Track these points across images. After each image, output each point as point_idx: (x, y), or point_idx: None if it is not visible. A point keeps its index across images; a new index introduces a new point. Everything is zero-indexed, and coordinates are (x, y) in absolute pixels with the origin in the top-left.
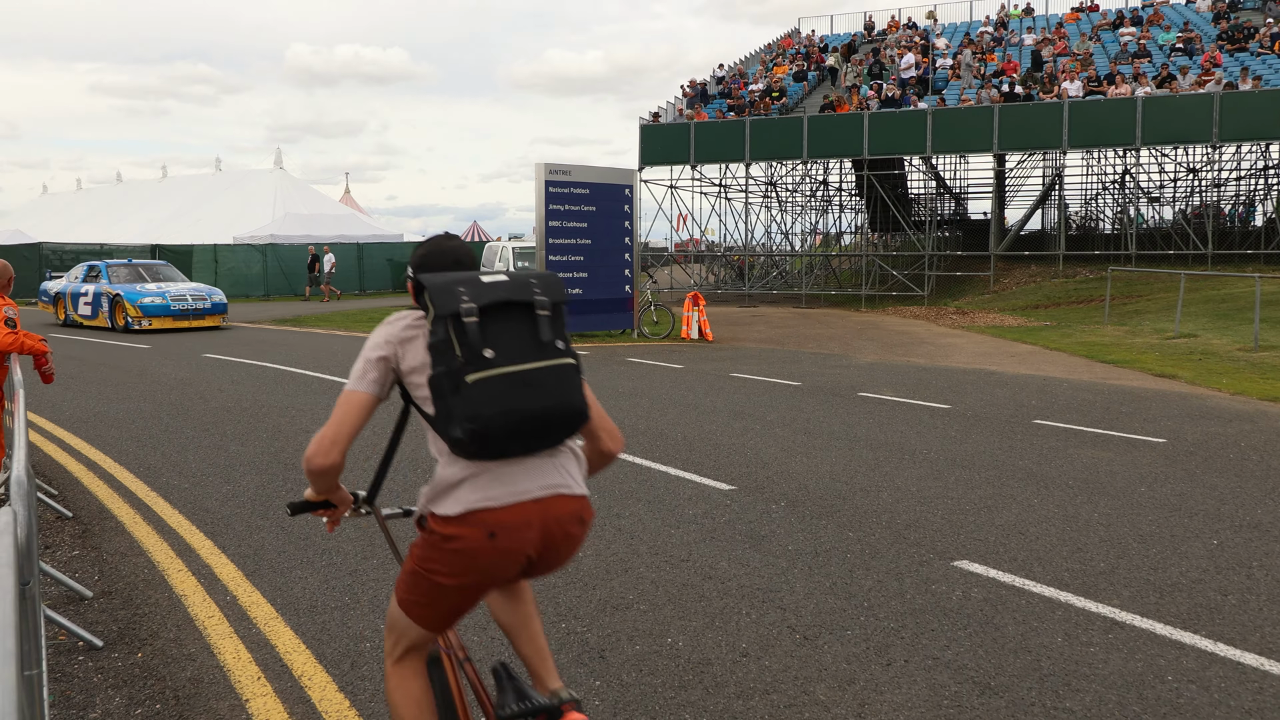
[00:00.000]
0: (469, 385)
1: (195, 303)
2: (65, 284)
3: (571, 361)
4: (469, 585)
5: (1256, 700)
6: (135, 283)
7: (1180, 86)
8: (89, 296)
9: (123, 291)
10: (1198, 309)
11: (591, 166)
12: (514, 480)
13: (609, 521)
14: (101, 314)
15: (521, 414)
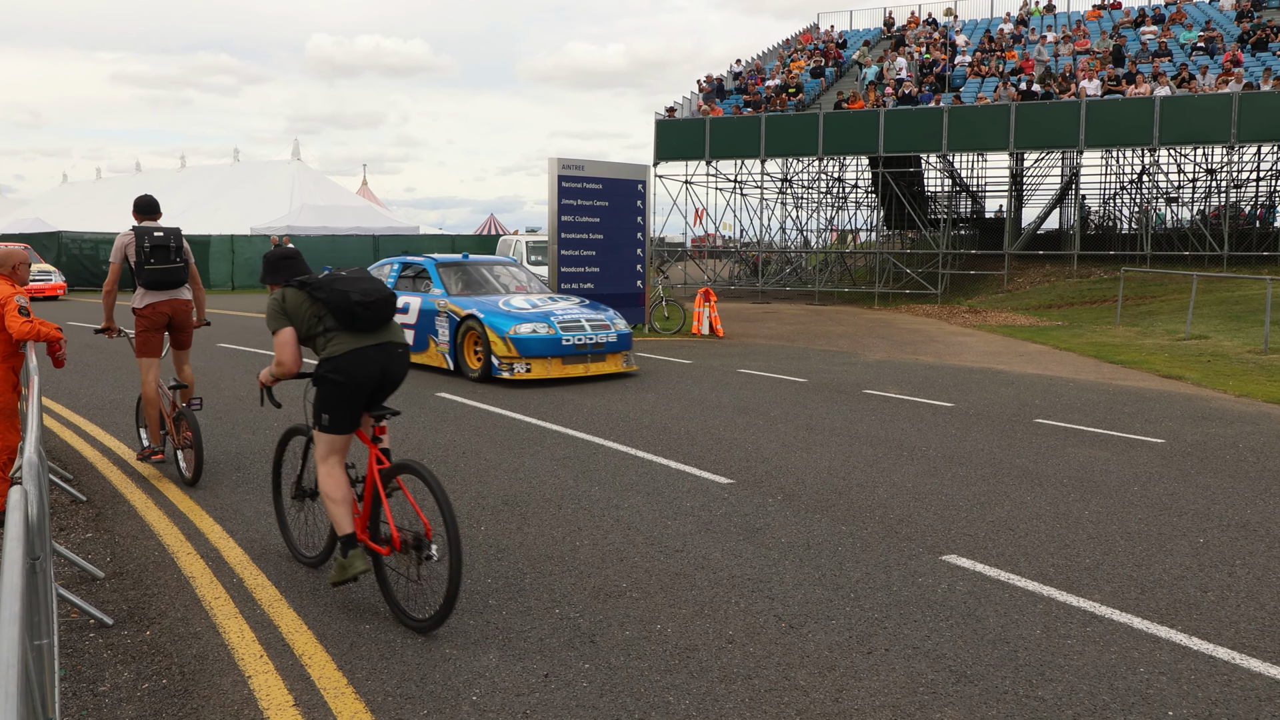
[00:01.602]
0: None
1: (595, 332)
2: None
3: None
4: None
5: (1224, 692)
6: (490, 295)
7: (1200, 86)
8: (410, 315)
9: (480, 312)
10: (1210, 310)
11: (605, 162)
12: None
13: (608, 513)
14: (436, 347)
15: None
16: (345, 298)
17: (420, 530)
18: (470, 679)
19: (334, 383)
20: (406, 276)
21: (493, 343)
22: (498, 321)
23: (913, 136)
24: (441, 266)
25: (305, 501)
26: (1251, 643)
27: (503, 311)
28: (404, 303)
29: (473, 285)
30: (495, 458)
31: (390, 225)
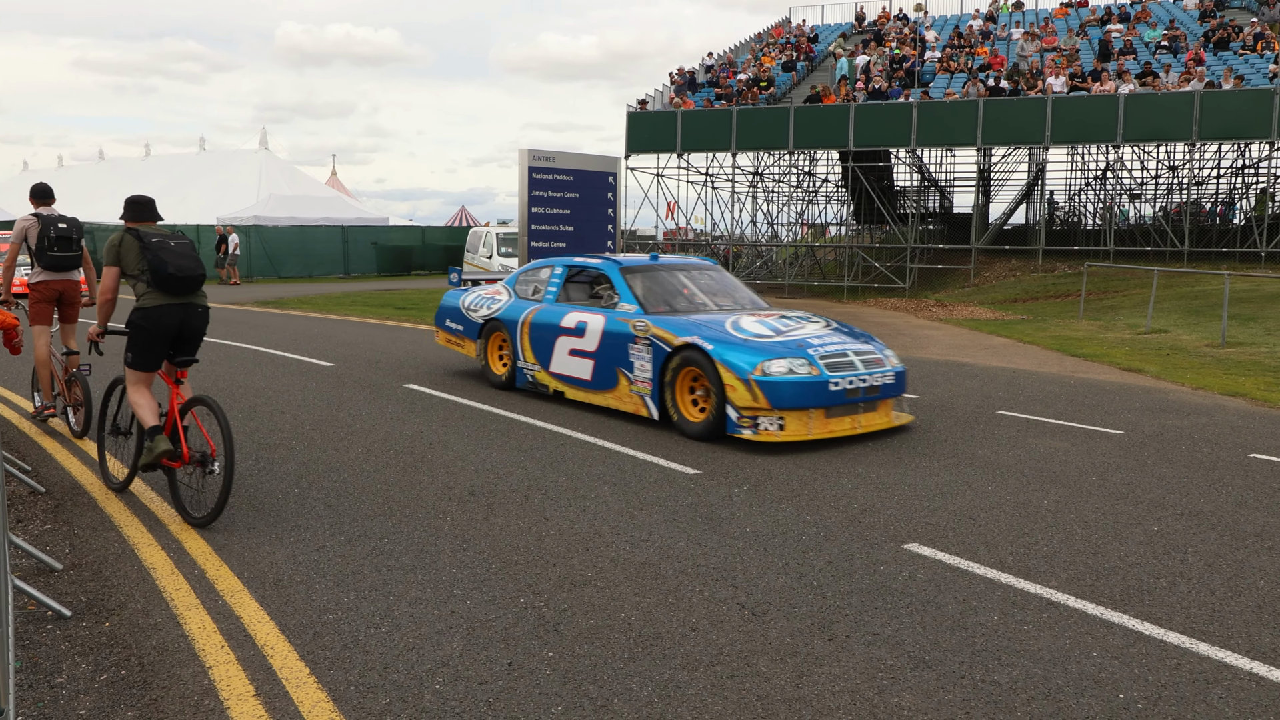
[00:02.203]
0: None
1: (869, 371)
2: (503, 299)
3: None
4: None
5: (1173, 675)
6: (708, 315)
7: (1163, 84)
8: (587, 339)
9: (707, 341)
10: (1171, 305)
11: (575, 153)
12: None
13: (574, 503)
14: (630, 385)
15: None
16: (164, 268)
17: (206, 450)
18: (433, 668)
19: (141, 328)
20: (578, 284)
21: (729, 387)
22: (735, 356)
23: (882, 131)
24: (629, 272)
25: (119, 438)
26: (1201, 627)
27: (737, 340)
28: (576, 321)
29: (673, 298)
30: (462, 449)
31: (360, 216)
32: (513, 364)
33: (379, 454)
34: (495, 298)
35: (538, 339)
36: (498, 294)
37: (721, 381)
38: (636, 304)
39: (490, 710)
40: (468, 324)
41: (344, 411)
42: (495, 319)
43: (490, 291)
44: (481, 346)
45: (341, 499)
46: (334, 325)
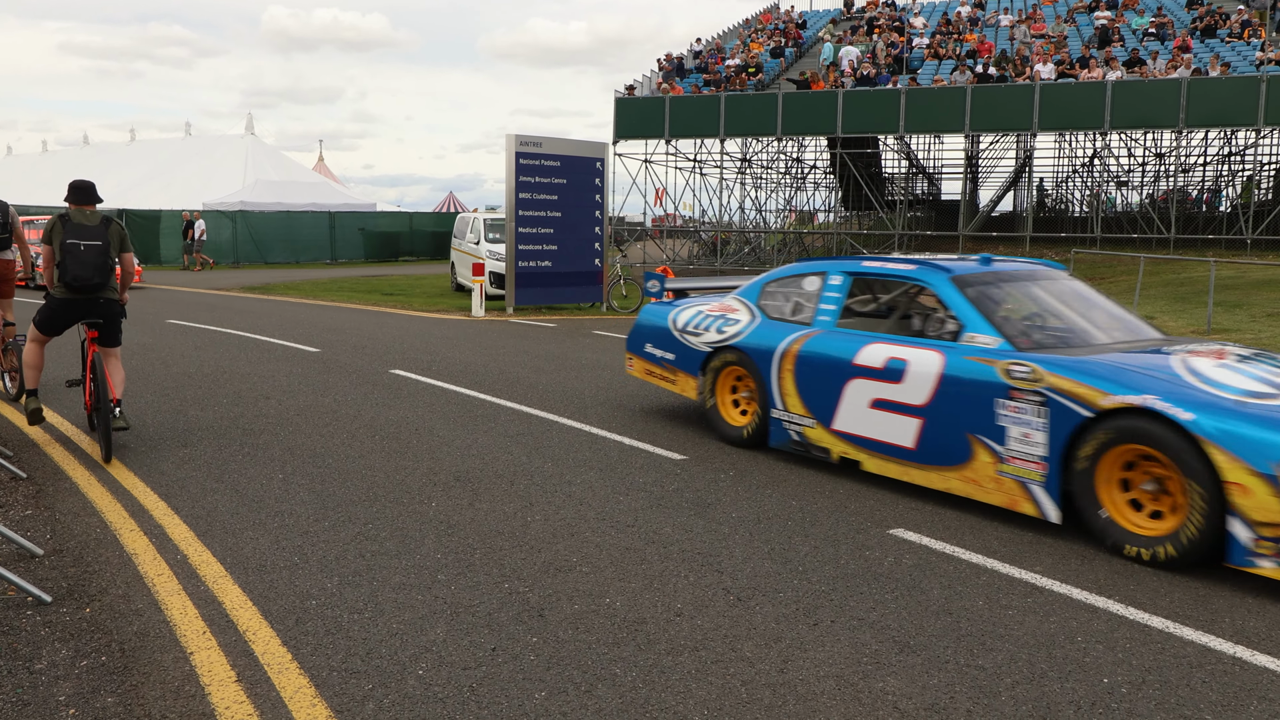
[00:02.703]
0: None
1: None
2: (742, 320)
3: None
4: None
5: (1157, 660)
6: (1137, 356)
7: (1150, 71)
8: (913, 389)
9: (1177, 406)
10: (1157, 291)
11: (563, 139)
12: None
13: (560, 488)
14: (997, 465)
15: None
16: (65, 274)
17: (108, 397)
18: (417, 653)
19: (48, 306)
20: (872, 299)
21: (1235, 487)
22: (1245, 432)
23: (870, 118)
24: (967, 284)
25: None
26: (1185, 612)
27: (1227, 404)
28: (886, 359)
29: (1048, 326)
30: (448, 434)
31: (347, 202)
32: (763, 413)
33: (364, 439)
34: (729, 316)
35: (811, 381)
36: (732, 311)
37: (1217, 476)
38: (996, 334)
39: (474, 695)
40: (683, 352)
41: (329, 397)
42: (731, 347)
43: (719, 308)
44: (706, 385)
45: (326, 484)
46: (320, 311)
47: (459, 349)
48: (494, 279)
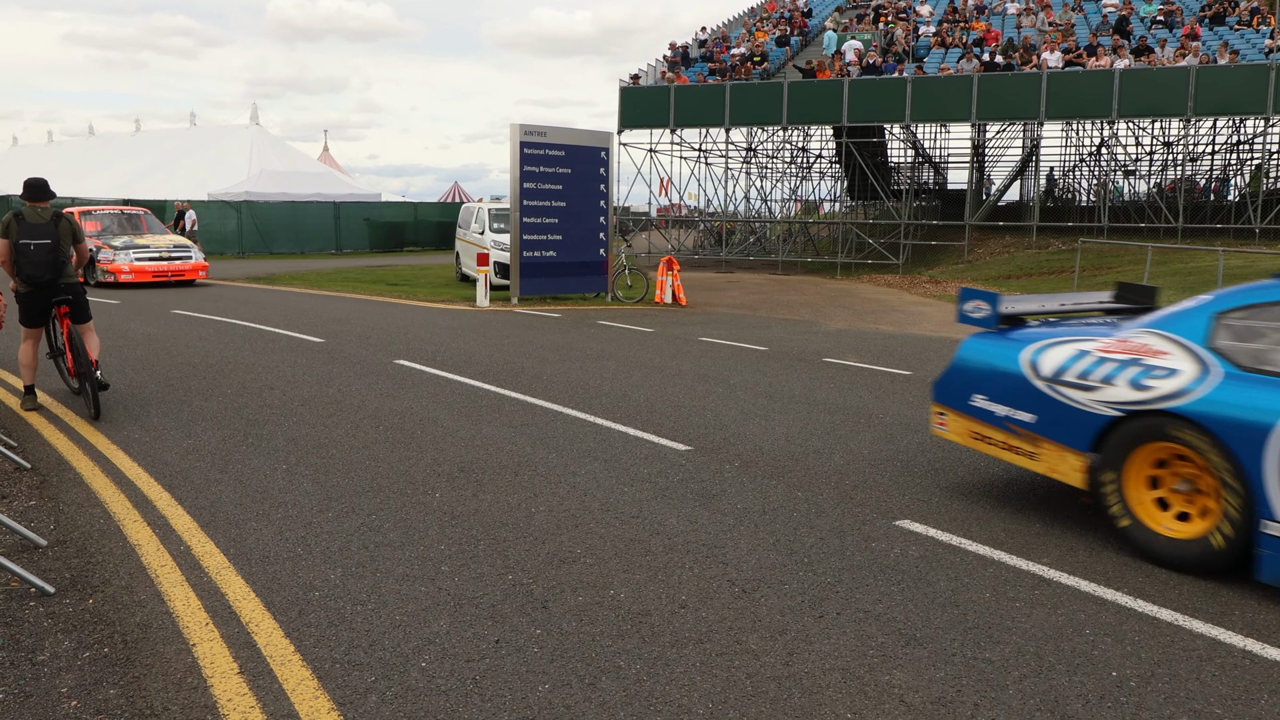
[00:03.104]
0: None
1: None
2: (1182, 369)
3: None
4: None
5: (1166, 653)
6: None
7: (1159, 59)
8: None
9: None
10: (1165, 281)
11: (568, 128)
12: None
13: (564, 479)
14: None
15: None
16: (20, 271)
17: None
18: (420, 645)
19: (19, 302)
20: None
21: None
22: None
23: (876, 107)
24: None
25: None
26: (1194, 604)
27: None
28: None
29: None
30: (452, 425)
31: (352, 192)
32: (1245, 521)
33: (368, 430)
34: (1151, 363)
35: None
36: (1155, 353)
37: None
38: None
39: (477, 688)
40: (1055, 413)
41: (333, 387)
42: (1169, 413)
43: (1124, 347)
44: (1107, 465)
45: (329, 475)
46: (325, 301)
47: (463, 339)
48: (499, 269)
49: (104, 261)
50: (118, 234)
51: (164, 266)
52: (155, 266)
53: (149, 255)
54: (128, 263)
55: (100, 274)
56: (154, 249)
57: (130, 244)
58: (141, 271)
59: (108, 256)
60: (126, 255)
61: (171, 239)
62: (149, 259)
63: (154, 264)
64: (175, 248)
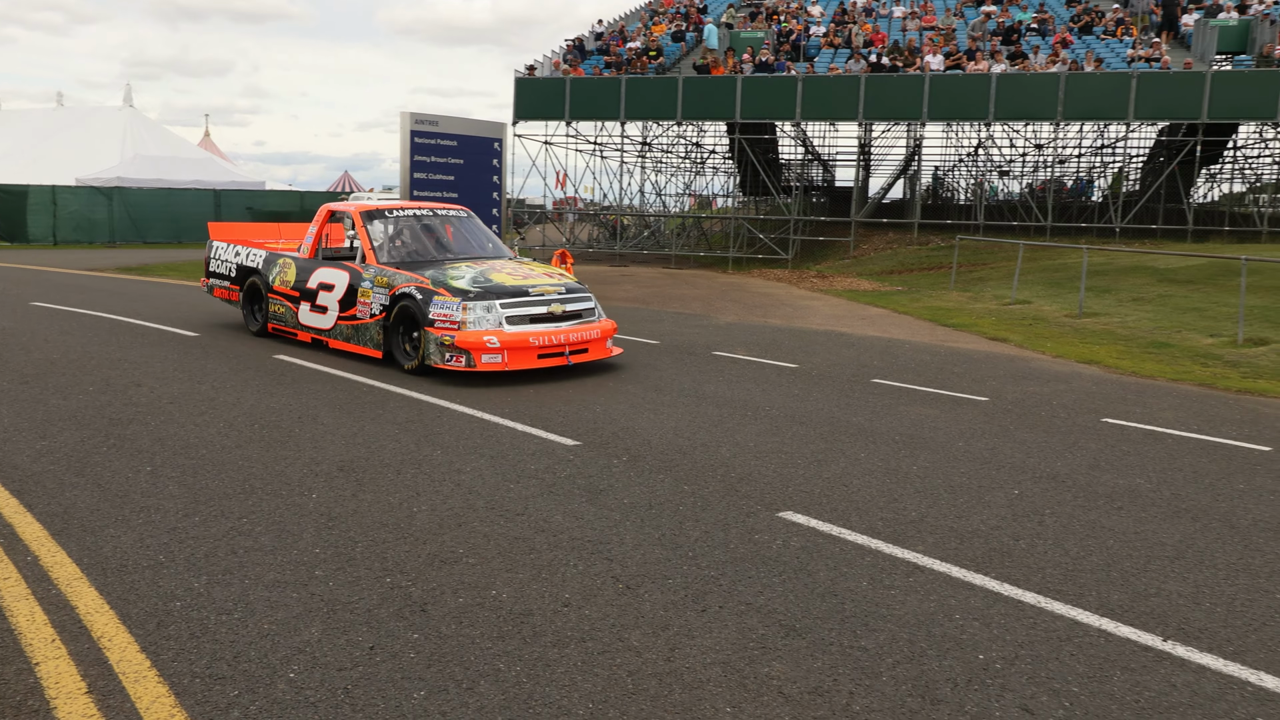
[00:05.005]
0: None
1: None
2: None
3: None
4: None
5: (1029, 634)
6: None
7: (1032, 65)
8: None
9: None
10: (1034, 277)
11: (460, 118)
12: None
13: (449, 477)
14: None
15: None
16: None
17: None
18: (288, 655)
19: None
20: None
21: None
22: None
23: (768, 104)
24: None
25: None
26: (1055, 586)
27: None
28: None
29: None
30: (333, 422)
31: (234, 180)
32: None
33: (242, 428)
34: None
35: None
36: None
37: None
38: None
39: (348, 697)
40: None
41: (206, 384)
42: None
43: None
44: None
45: (198, 477)
46: (202, 294)
47: None
48: None
49: (444, 321)
50: (434, 257)
51: (562, 335)
52: (548, 335)
53: (532, 308)
54: (495, 328)
55: (436, 349)
56: (537, 292)
57: (486, 283)
58: (522, 346)
59: (448, 311)
60: (489, 310)
61: (545, 269)
62: (536, 317)
63: (546, 329)
64: (569, 292)
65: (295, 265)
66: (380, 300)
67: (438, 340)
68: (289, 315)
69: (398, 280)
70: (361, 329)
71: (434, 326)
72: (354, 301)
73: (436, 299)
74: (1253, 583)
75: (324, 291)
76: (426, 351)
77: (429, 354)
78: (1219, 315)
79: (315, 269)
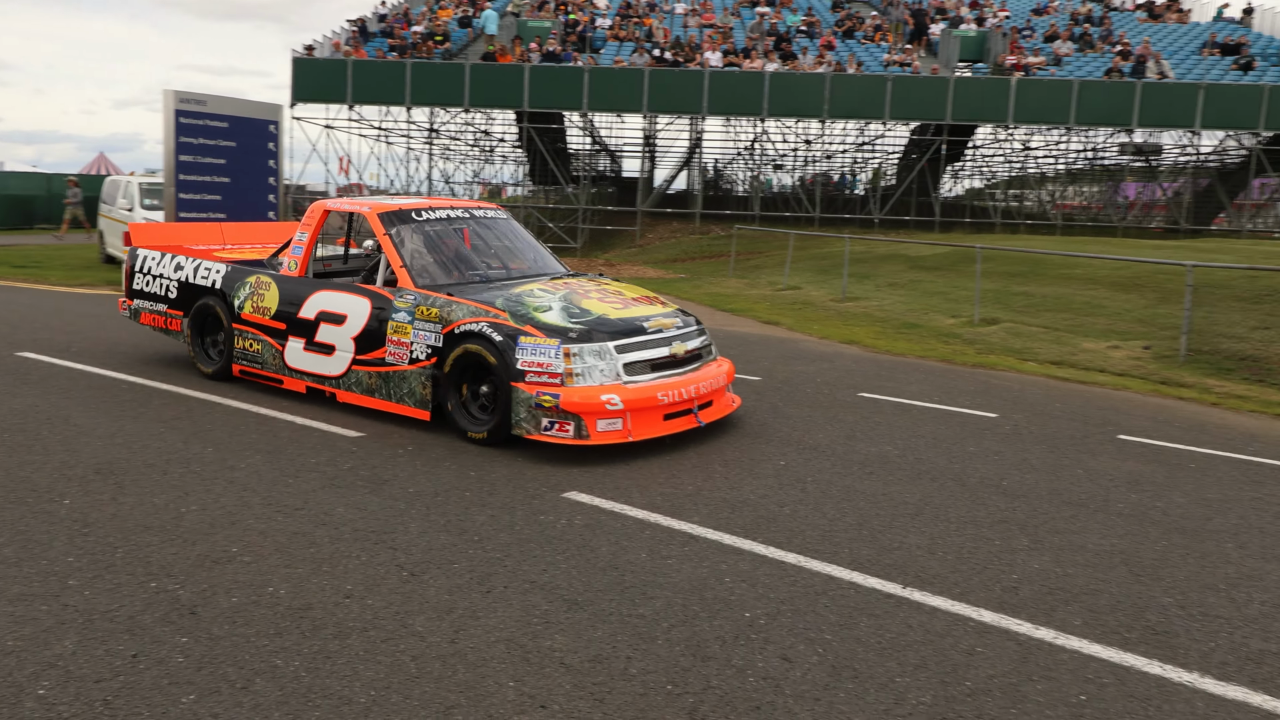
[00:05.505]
0: None
1: None
2: None
3: None
4: None
5: (790, 591)
6: None
7: (801, 65)
8: None
9: None
10: (804, 265)
11: (232, 98)
12: None
13: (221, 474)
14: None
15: None
16: None
17: None
18: (38, 671)
19: None
20: None
21: None
22: None
23: (556, 94)
24: None
25: None
26: (814, 546)
27: None
28: None
29: None
30: (88, 422)
31: None
32: None
33: None
34: None
35: None
36: None
37: None
38: None
39: (107, 709)
40: None
41: None
42: None
43: None
44: None
45: None
46: None
47: (106, 327)
48: None
49: (538, 372)
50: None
51: (691, 386)
52: (676, 388)
53: (651, 350)
54: (612, 381)
55: (529, 414)
56: (653, 328)
57: (583, 315)
58: (649, 405)
59: (543, 358)
60: (601, 356)
61: (636, 292)
62: (657, 362)
63: (671, 379)
64: (685, 325)
65: (277, 286)
66: (428, 340)
67: (532, 401)
68: (268, 355)
69: (456, 313)
70: (395, 378)
71: (524, 381)
72: (380, 340)
73: (524, 341)
74: (978, 533)
75: (328, 324)
76: (514, 417)
77: (517, 420)
78: (959, 298)
79: (312, 292)
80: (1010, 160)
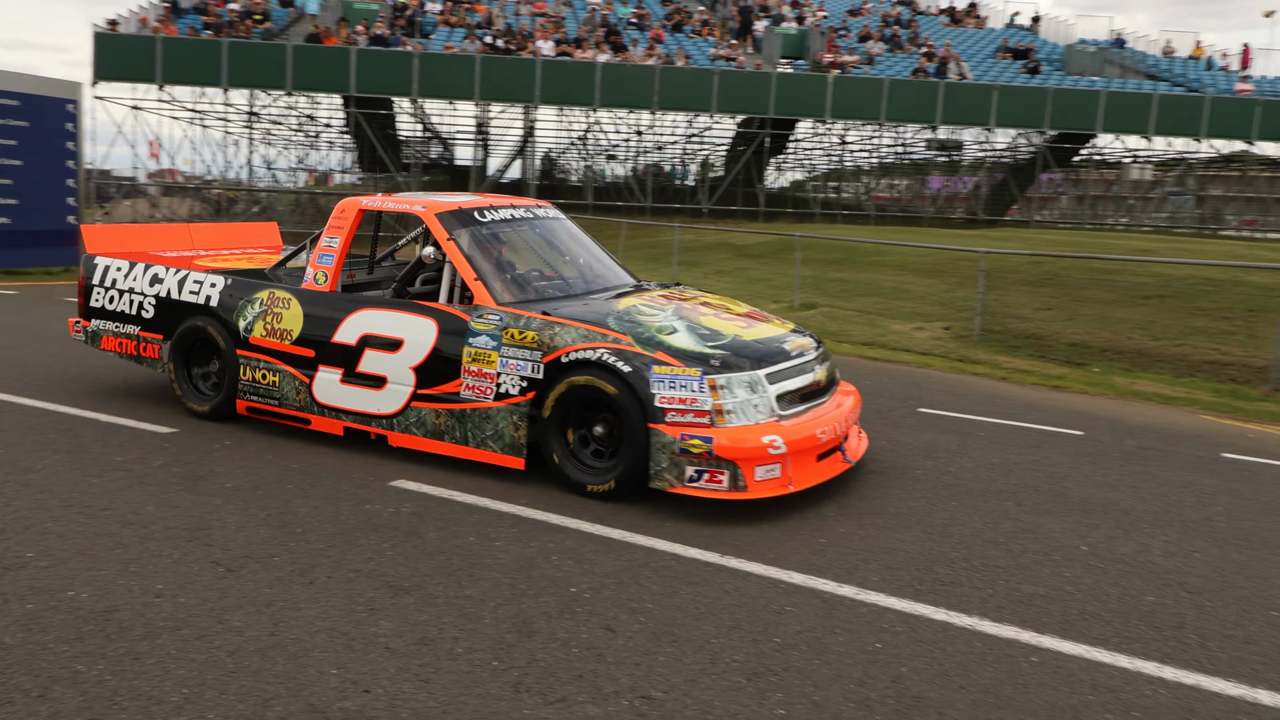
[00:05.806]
0: None
1: None
2: None
3: None
4: None
5: (614, 565)
6: None
7: (632, 57)
8: None
9: None
10: (637, 253)
11: (22, 74)
12: None
13: (14, 476)
14: None
15: None
16: None
17: None
18: None
19: None
20: None
21: None
22: None
23: (385, 78)
24: None
25: None
26: (639, 523)
27: None
28: None
29: None
30: None
31: None
32: None
33: None
34: None
35: None
36: None
37: None
38: None
39: None
40: None
41: None
42: None
43: None
44: None
45: None
46: None
47: None
48: None
49: (682, 411)
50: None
51: (840, 419)
52: (829, 423)
53: (797, 378)
54: (768, 418)
55: (671, 463)
56: (794, 350)
57: (716, 337)
58: (808, 447)
59: (687, 393)
60: (754, 389)
61: (723, 300)
62: (806, 392)
63: (822, 412)
64: (819, 350)
65: (301, 304)
66: (522, 371)
67: (676, 446)
68: (289, 389)
69: (562, 337)
70: (476, 418)
71: (664, 422)
72: (454, 370)
73: (659, 372)
74: (789, 500)
75: (376, 351)
76: (653, 466)
77: (658, 470)
78: (781, 284)
79: (351, 311)
80: (829, 154)
